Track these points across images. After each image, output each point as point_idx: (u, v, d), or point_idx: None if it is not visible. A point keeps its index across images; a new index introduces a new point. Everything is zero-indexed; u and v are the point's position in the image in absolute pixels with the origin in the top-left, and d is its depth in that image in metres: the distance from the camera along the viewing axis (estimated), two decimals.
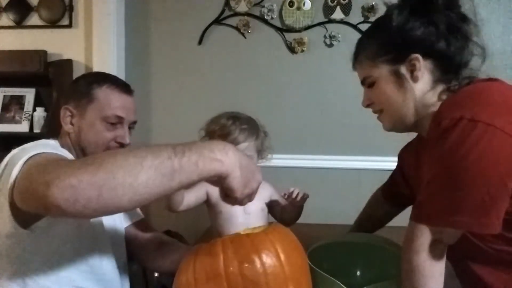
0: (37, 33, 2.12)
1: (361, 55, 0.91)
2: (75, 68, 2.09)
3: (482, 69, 0.84)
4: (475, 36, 0.83)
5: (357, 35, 1.65)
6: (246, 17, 2.07)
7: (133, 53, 2.15)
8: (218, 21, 2.09)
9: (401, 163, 1.12)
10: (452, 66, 0.83)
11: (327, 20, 2.04)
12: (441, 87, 0.84)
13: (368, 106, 0.94)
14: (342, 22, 2.03)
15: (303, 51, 2.06)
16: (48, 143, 1.00)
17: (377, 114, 0.94)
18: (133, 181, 0.59)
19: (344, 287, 0.83)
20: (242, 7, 2.06)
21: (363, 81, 0.92)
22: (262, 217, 1.09)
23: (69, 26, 2.11)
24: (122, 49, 2.10)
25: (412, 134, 0.97)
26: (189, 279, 0.76)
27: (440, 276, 0.76)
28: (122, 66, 2.10)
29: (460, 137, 0.69)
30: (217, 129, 1.07)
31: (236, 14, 2.08)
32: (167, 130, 2.13)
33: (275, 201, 1.13)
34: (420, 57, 0.82)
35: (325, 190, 2.03)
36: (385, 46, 0.86)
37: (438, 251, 0.75)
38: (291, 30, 2.06)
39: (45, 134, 1.87)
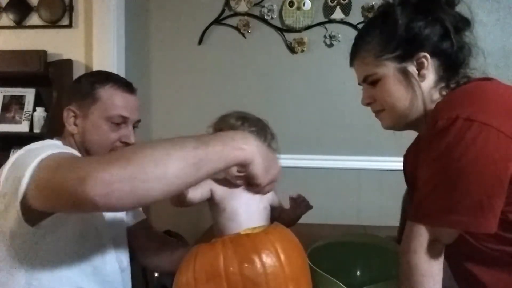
0: (37, 33, 2.12)
1: (363, 51, 0.88)
2: (75, 68, 2.09)
3: (480, 68, 0.84)
4: (473, 35, 0.84)
5: None
6: (246, 17, 2.07)
7: (133, 53, 2.15)
8: (218, 21, 2.09)
9: (404, 163, 1.11)
10: (454, 65, 0.83)
11: (327, 20, 2.04)
12: (442, 84, 0.84)
13: (368, 104, 0.92)
14: (342, 22, 2.03)
15: (303, 51, 2.06)
16: (55, 143, 0.99)
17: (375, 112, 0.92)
18: (163, 172, 0.61)
19: (344, 287, 0.83)
20: (242, 7, 2.06)
21: (364, 79, 0.89)
22: (265, 216, 1.09)
23: (69, 26, 2.11)
24: (122, 49, 2.10)
25: (411, 134, 0.96)
26: (189, 279, 0.76)
27: (438, 276, 0.75)
28: (122, 66, 2.09)
29: (456, 136, 0.69)
30: (226, 128, 1.07)
31: (236, 14, 2.08)
32: (167, 130, 2.13)
33: (275, 203, 1.13)
34: (428, 55, 0.82)
35: (325, 190, 2.03)
36: (391, 43, 0.83)
37: (436, 250, 0.75)
38: (291, 30, 2.06)
39: (45, 134, 1.87)
